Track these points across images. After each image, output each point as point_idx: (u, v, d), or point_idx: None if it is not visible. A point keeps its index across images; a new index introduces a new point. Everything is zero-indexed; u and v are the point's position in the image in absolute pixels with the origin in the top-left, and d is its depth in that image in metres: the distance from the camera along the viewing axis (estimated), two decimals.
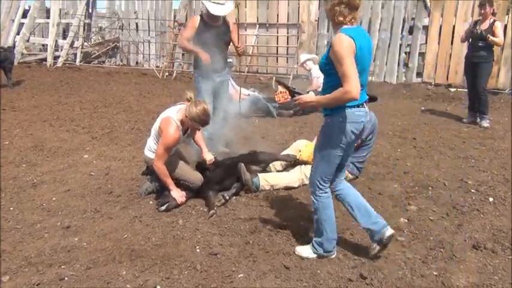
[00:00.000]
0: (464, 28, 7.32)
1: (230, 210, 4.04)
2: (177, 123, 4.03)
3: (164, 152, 3.98)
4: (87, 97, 8.94)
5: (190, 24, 5.10)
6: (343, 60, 2.69)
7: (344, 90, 2.70)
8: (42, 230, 3.69)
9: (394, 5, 10.22)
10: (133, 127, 6.83)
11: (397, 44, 10.29)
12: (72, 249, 3.41)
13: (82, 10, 12.98)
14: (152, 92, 9.70)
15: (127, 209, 4.10)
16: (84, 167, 5.17)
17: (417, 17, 10.10)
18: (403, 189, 4.53)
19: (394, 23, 10.29)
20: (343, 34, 2.74)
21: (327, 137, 3.01)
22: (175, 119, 4.04)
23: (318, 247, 3.27)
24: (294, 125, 7.06)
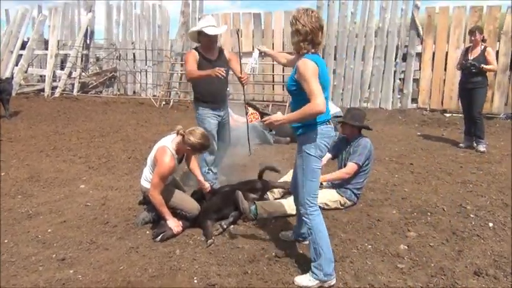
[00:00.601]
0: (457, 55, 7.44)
1: (228, 239, 3.99)
2: (172, 152, 4.03)
3: (160, 181, 3.96)
4: (84, 127, 8.95)
5: (190, 58, 4.83)
6: (309, 79, 2.97)
7: (312, 104, 2.95)
8: (37, 263, 3.62)
9: (388, 33, 10.40)
10: (131, 156, 6.82)
11: (391, 71, 10.42)
12: (67, 282, 3.34)
13: (80, 41, 13.15)
14: (149, 120, 9.73)
15: (123, 239, 4.04)
16: (80, 197, 5.13)
17: (410, 45, 10.27)
18: (401, 215, 4.50)
19: (387, 51, 10.44)
20: (308, 59, 3.04)
21: (305, 155, 3.20)
22: (170, 148, 4.04)
23: (317, 271, 3.23)
24: (291, 152, 7.04)
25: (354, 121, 4.55)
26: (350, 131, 4.62)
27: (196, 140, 3.97)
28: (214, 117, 4.93)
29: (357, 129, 4.61)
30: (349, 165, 4.53)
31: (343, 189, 4.61)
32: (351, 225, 4.25)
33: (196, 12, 12.24)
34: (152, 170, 4.10)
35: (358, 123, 4.56)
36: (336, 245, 3.81)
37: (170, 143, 4.08)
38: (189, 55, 4.89)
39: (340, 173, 4.60)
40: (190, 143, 3.98)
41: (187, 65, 4.82)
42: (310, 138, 3.18)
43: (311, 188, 3.23)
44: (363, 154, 4.50)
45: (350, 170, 4.52)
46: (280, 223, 4.31)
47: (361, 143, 4.55)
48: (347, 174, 4.53)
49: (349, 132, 4.63)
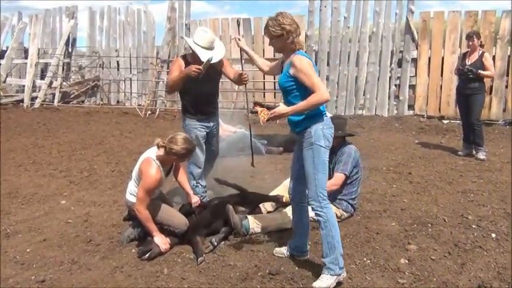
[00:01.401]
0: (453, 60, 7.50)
1: (219, 257, 3.92)
2: (158, 164, 3.98)
3: (145, 195, 3.90)
4: (65, 139, 8.86)
5: (175, 67, 4.68)
6: (309, 72, 3.25)
7: (319, 94, 3.19)
8: (15, 286, 3.53)
9: (382, 38, 10.48)
10: (114, 169, 6.74)
11: (386, 77, 10.49)
12: None
13: (61, 49, 13.08)
14: (134, 131, 9.67)
15: (107, 258, 3.96)
16: (61, 214, 5.04)
17: (405, 50, 10.36)
18: (401, 227, 4.48)
19: (382, 56, 10.52)
20: (302, 55, 3.34)
21: (316, 147, 3.34)
22: (155, 159, 3.99)
23: (333, 266, 3.34)
24: (284, 163, 7.02)
25: (336, 131, 4.54)
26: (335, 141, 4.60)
27: (180, 147, 3.93)
28: (202, 128, 4.85)
29: (340, 138, 4.61)
30: (335, 176, 4.53)
31: (338, 200, 4.59)
32: (348, 239, 4.20)
33: (183, 18, 12.24)
34: (137, 183, 4.04)
35: (340, 133, 4.55)
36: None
37: (155, 154, 4.04)
38: (174, 64, 4.79)
39: (329, 185, 4.57)
40: (175, 152, 3.94)
41: (170, 75, 4.74)
42: (317, 129, 3.34)
43: (323, 181, 3.38)
44: (347, 163, 4.51)
45: (337, 181, 4.51)
46: (274, 238, 4.26)
47: (344, 151, 4.57)
48: (335, 186, 4.50)
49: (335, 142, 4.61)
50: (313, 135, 3.33)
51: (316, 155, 3.33)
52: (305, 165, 3.39)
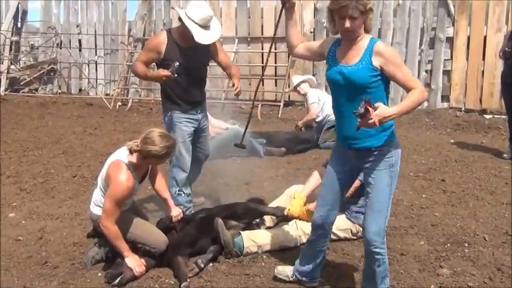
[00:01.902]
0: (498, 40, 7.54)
1: (206, 282, 3.97)
2: (130, 168, 4.02)
3: (114, 207, 3.93)
4: (14, 136, 8.88)
5: (151, 45, 4.78)
6: (401, 63, 3.23)
7: (421, 91, 3.16)
8: None
9: (410, 12, 10.51)
10: (76, 174, 6.77)
11: (415, 61, 10.52)
12: None
13: (8, 25, 13.08)
14: (101, 127, 9.70)
15: (67, 284, 3.99)
16: (9, 229, 5.07)
17: (439, 27, 10.40)
18: (431, 247, 4.53)
19: (410, 34, 10.55)
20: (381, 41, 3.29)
21: (394, 171, 3.35)
22: (126, 162, 4.03)
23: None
24: (286, 167, 7.07)
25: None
26: None
27: (158, 146, 3.95)
28: (189, 122, 4.87)
29: None
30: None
31: (355, 214, 4.63)
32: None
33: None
34: (104, 192, 4.08)
35: None
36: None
37: (127, 156, 4.07)
38: (152, 41, 4.85)
39: None
40: (154, 154, 3.97)
41: (141, 54, 4.83)
42: (398, 148, 3.40)
43: (389, 212, 3.40)
44: None
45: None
46: (275, 259, 4.31)
47: None
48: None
49: None
50: (394, 155, 3.33)
51: (393, 181, 3.34)
52: (376, 191, 3.34)
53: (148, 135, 4.01)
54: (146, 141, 3.98)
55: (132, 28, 12.53)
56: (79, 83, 13.30)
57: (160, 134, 4.04)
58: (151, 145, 3.95)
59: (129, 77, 12.23)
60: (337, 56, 3.35)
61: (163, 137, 4.03)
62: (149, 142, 3.97)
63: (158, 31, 12.04)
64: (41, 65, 13.37)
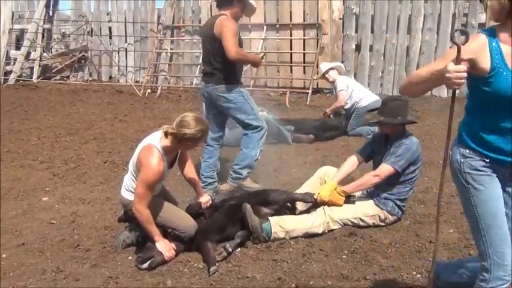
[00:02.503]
0: None
1: (234, 267, 4.01)
2: (160, 153, 4.07)
3: (146, 191, 3.99)
4: (47, 123, 9.06)
5: (234, 27, 5.18)
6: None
7: None
8: None
9: None
10: (107, 160, 6.88)
11: (446, 48, 10.34)
12: None
13: (41, 13, 13.24)
14: (130, 114, 9.81)
15: (99, 267, 4.08)
16: (43, 213, 5.19)
17: (470, 13, 10.21)
18: (461, 235, 4.49)
19: (441, 21, 10.39)
20: None
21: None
22: (158, 147, 4.08)
23: None
24: (315, 154, 7.06)
25: (394, 116, 4.54)
26: (391, 129, 4.62)
27: (194, 130, 4.01)
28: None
29: (399, 126, 4.61)
30: (381, 167, 4.54)
31: (383, 200, 4.61)
32: (394, 248, 4.24)
33: None
34: (135, 176, 4.14)
35: (400, 119, 4.55)
36: (374, 274, 3.82)
37: (158, 140, 4.12)
38: (232, 24, 5.20)
39: (366, 176, 4.62)
40: (189, 136, 4.02)
41: (232, 39, 5.11)
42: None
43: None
44: (402, 157, 4.47)
45: (380, 173, 4.52)
46: (302, 245, 4.33)
47: (403, 143, 4.52)
48: (374, 177, 4.53)
49: (391, 131, 4.63)
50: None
51: None
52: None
53: (184, 119, 4.07)
54: (182, 124, 4.03)
55: (162, 16, 12.56)
56: (109, 70, 13.42)
57: (194, 118, 4.09)
58: (186, 128, 4.00)
59: (158, 64, 12.30)
60: (506, 59, 2.59)
61: (198, 121, 4.08)
62: (185, 125, 4.01)
63: (187, 18, 12.10)
64: (72, 52, 13.53)
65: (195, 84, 11.73)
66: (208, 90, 5.40)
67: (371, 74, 10.85)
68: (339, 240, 4.38)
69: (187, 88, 11.69)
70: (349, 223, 4.57)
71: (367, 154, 4.86)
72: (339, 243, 4.33)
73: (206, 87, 5.42)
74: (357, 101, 7.81)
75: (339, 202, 4.58)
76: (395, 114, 4.53)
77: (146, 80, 11.98)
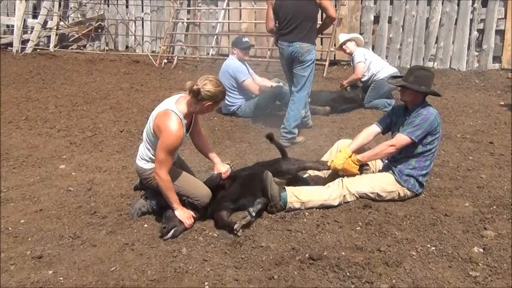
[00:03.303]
0: None
1: (249, 236, 4.05)
2: (180, 116, 4.06)
3: (167, 156, 4.00)
4: (64, 91, 9.10)
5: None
6: None
7: None
8: (7, 261, 3.75)
9: None
10: (123, 129, 6.93)
11: (466, 20, 10.18)
12: (46, 285, 3.45)
13: None
14: (147, 84, 9.83)
15: (115, 234, 4.14)
16: (60, 180, 5.26)
17: None
18: (476, 208, 4.47)
19: None
20: None
21: None
22: (175, 111, 4.07)
23: None
24: (331, 126, 7.04)
25: (419, 85, 4.49)
26: (412, 97, 4.56)
27: (217, 88, 4.05)
28: None
29: (420, 95, 4.55)
30: (397, 136, 4.51)
31: (405, 177, 4.57)
32: (409, 221, 4.25)
33: None
34: (150, 145, 4.16)
35: (424, 88, 4.50)
36: (388, 246, 3.83)
37: (175, 105, 4.11)
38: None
39: (382, 145, 4.59)
40: (212, 94, 4.03)
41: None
42: None
43: None
44: (420, 127, 4.42)
45: (396, 142, 4.49)
46: (317, 216, 4.35)
47: (421, 113, 4.48)
48: (390, 147, 4.50)
49: (411, 100, 4.58)
50: None
51: None
52: None
53: (208, 78, 4.10)
54: (206, 82, 4.03)
55: None
56: (126, 40, 13.40)
57: (217, 80, 4.14)
58: (210, 85, 4.02)
59: (175, 34, 12.26)
60: None
61: (219, 83, 4.14)
62: (207, 83, 4.03)
63: None
64: (89, 21, 13.50)
65: (211, 54, 11.71)
66: (293, 48, 6.11)
67: (389, 46, 10.72)
68: (354, 212, 4.39)
69: (203, 58, 11.65)
70: (366, 197, 4.56)
71: (385, 125, 4.82)
72: (354, 215, 4.34)
73: (290, 46, 6.12)
74: (375, 74, 7.75)
75: (352, 170, 4.57)
76: (420, 83, 4.49)
77: (162, 50, 11.95)
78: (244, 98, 7.49)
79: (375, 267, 3.57)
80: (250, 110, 7.42)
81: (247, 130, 6.92)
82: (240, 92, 7.45)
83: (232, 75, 7.36)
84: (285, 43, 6.17)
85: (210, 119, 7.41)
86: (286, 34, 6.16)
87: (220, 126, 7.12)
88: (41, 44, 13.15)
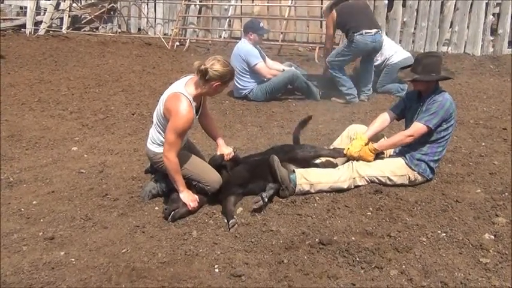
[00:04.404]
0: None
1: (259, 220, 4.06)
2: (189, 99, 4.06)
3: (176, 138, 4.00)
4: (77, 73, 9.13)
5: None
6: None
7: None
8: (20, 242, 3.79)
9: None
10: (135, 112, 6.94)
11: (482, 3, 10.06)
12: (57, 266, 3.49)
13: None
14: (159, 66, 9.83)
15: (126, 216, 4.17)
16: (72, 162, 5.29)
17: None
18: (488, 195, 4.45)
19: None
20: None
21: None
22: (185, 93, 4.07)
23: None
24: (343, 111, 7.01)
25: (429, 73, 4.45)
26: (425, 86, 4.53)
27: (225, 69, 4.06)
28: None
29: (433, 83, 4.52)
30: (414, 125, 4.47)
31: (416, 161, 4.55)
32: (419, 207, 4.24)
33: None
34: (161, 128, 4.16)
35: (434, 76, 4.45)
36: (398, 231, 3.83)
37: (184, 87, 4.11)
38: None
39: (400, 136, 4.57)
40: (220, 74, 4.02)
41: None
42: None
43: None
44: (437, 114, 4.40)
45: (414, 132, 4.46)
46: (327, 201, 4.34)
47: (437, 99, 4.44)
48: (408, 137, 4.48)
49: (424, 89, 4.55)
50: None
51: None
52: None
53: (216, 58, 4.09)
54: (214, 62, 4.03)
55: None
56: (138, 22, 13.38)
57: (225, 60, 4.13)
58: (218, 64, 4.02)
59: (187, 17, 12.22)
60: None
61: (227, 62, 4.14)
62: (215, 63, 4.02)
63: None
64: (102, 3, 13.49)
65: (224, 37, 11.66)
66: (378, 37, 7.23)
67: (403, 30, 10.63)
68: (364, 197, 4.38)
69: (215, 41, 11.62)
70: (376, 181, 4.55)
71: (399, 111, 4.79)
72: (364, 200, 4.33)
73: (377, 34, 7.20)
74: (388, 58, 7.68)
75: (369, 159, 4.56)
76: (430, 71, 4.45)
77: (175, 32, 11.92)
78: (256, 81, 7.46)
79: (385, 252, 3.57)
80: (262, 94, 7.40)
81: (258, 114, 6.90)
82: (251, 75, 7.42)
83: (244, 59, 7.33)
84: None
85: (221, 103, 7.41)
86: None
87: (231, 110, 7.11)
88: (53, 26, 13.16)
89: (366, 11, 7.54)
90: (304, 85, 7.46)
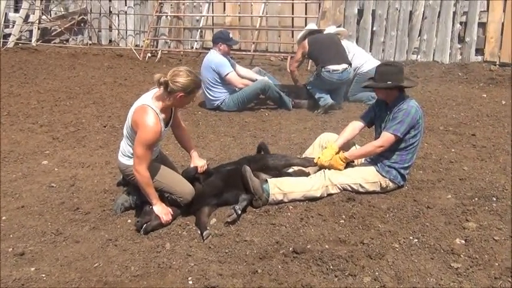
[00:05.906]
0: None
1: (232, 231, 4.05)
2: (156, 111, 4.04)
3: (146, 152, 3.98)
4: (47, 86, 9.02)
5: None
6: None
7: None
8: None
9: None
10: (106, 124, 6.88)
11: (449, 12, 10.24)
12: (28, 282, 3.43)
13: None
14: (130, 78, 9.77)
15: (98, 229, 4.12)
16: (42, 176, 5.21)
17: None
18: (458, 200, 4.51)
19: None
20: None
21: None
22: (152, 106, 4.05)
23: None
24: (315, 119, 7.05)
25: (384, 81, 4.52)
26: (385, 94, 4.60)
27: (187, 79, 4.00)
28: None
29: (394, 91, 4.58)
30: (383, 136, 4.53)
31: (387, 168, 4.61)
32: (392, 214, 4.28)
33: None
34: (131, 140, 4.13)
35: (389, 84, 4.51)
36: (371, 239, 3.85)
37: (151, 100, 4.09)
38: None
39: (370, 146, 4.64)
40: (182, 85, 3.98)
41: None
42: None
43: None
44: (403, 122, 4.45)
45: (383, 142, 4.52)
46: (300, 209, 4.36)
47: (402, 107, 4.50)
48: (379, 148, 4.54)
49: (385, 97, 4.62)
50: None
51: None
52: None
53: (177, 69, 4.08)
54: (175, 73, 4.01)
55: None
56: (109, 34, 13.30)
57: (188, 70, 4.09)
58: (179, 77, 3.98)
59: (158, 27, 12.19)
60: None
61: (191, 73, 4.07)
62: (176, 75, 4.00)
63: None
64: (72, 15, 13.38)
65: (195, 48, 11.66)
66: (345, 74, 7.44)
67: (373, 40, 10.75)
68: (337, 205, 4.40)
69: (187, 52, 11.61)
70: (349, 188, 4.58)
71: (369, 119, 4.85)
72: (337, 208, 4.36)
73: (344, 72, 7.40)
74: (358, 67, 7.77)
75: (339, 167, 4.60)
76: (385, 79, 4.51)
77: (146, 43, 11.89)
78: (228, 91, 7.48)
79: (358, 260, 3.59)
80: (235, 104, 7.42)
81: (231, 124, 6.91)
82: (223, 86, 7.44)
83: (215, 70, 7.34)
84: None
85: (194, 114, 7.40)
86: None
87: (204, 121, 7.11)
88: (23, 39, 13.03)
89: (336, 47, 7.61)
90: (276, 94, 7.50)
